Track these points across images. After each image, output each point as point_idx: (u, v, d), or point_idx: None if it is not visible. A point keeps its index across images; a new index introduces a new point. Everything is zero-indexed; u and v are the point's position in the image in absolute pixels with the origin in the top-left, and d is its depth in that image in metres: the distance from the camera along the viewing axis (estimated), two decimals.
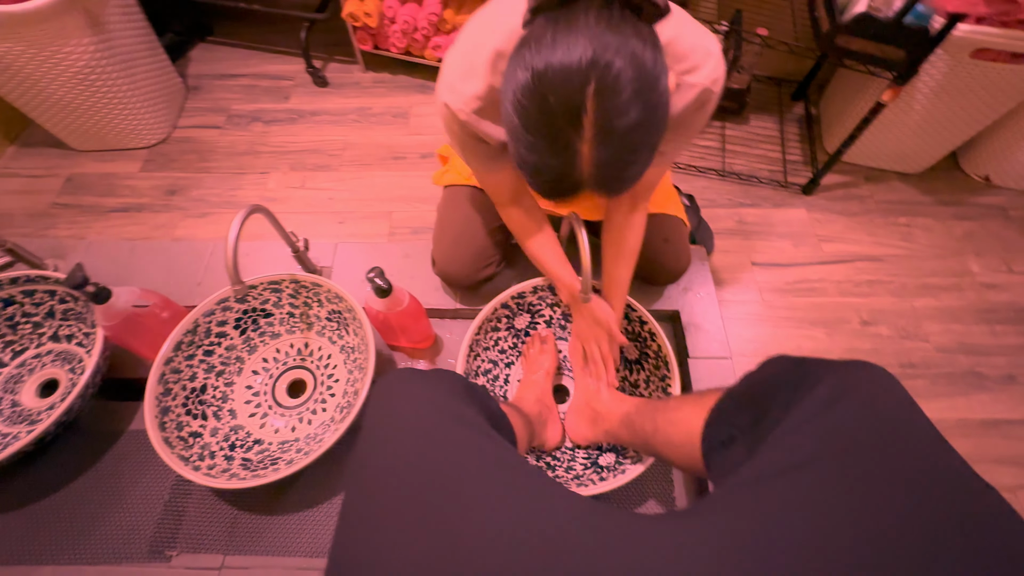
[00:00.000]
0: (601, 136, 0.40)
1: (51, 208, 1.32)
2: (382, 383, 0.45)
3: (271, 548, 0.77)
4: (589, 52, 0.37)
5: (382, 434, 0.39)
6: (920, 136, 1.30)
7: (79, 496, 0.80)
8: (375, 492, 0.35)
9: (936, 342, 1.14)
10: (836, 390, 0.36)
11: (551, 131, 0.41)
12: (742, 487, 0.34)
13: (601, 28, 0.38)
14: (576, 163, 0.42)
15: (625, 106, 0.39)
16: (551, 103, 0.39)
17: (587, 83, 0.38)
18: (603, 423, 0.74)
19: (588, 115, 0.39)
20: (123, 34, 1.26)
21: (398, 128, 1.50)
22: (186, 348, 0.82)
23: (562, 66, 0.38)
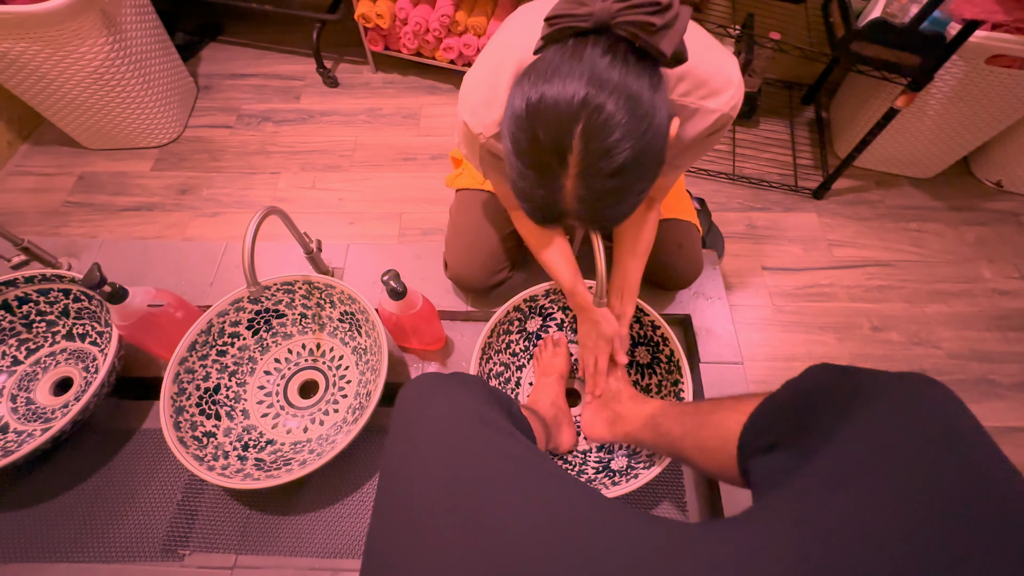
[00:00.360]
0: (585, 175, 0.41)
1: (63, 206, 1.33)
2: (411, 388, 0.45)
3: (283, 548, 0.77)
4: (583, 91, 0.38)
5: (417, 437, 0.39)
6: (932, 141, 1.29)
7: (93, 494, 0.81)
8: (415, 493, 0.35)
9: (948, 348, 1.13)
10: (893, 407, 0.35)
11: (538, 163, 0.42)
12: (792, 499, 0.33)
13: (602, 67, 0.39)
14: (561, 197, 0.43)
15: (612, 149, 0.39)
16: (540, 136, 0.40)
17: (575, 122, 0.39)
18: (623, 424, 0.72)
19: (574, 154, 0.40)
20: (137, 34, 1.27)
21: (408, 129, 1.50)
22: (200, 348, 0.82)
23: (554, 101, 0.39)
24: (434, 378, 0.46)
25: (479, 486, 0.34)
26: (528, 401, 0.81)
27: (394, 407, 0.45)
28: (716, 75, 0.55)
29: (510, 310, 0.85)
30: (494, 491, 0.33)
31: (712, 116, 0.57)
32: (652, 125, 0.40)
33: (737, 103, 0.57)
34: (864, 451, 0.33)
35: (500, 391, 0.54)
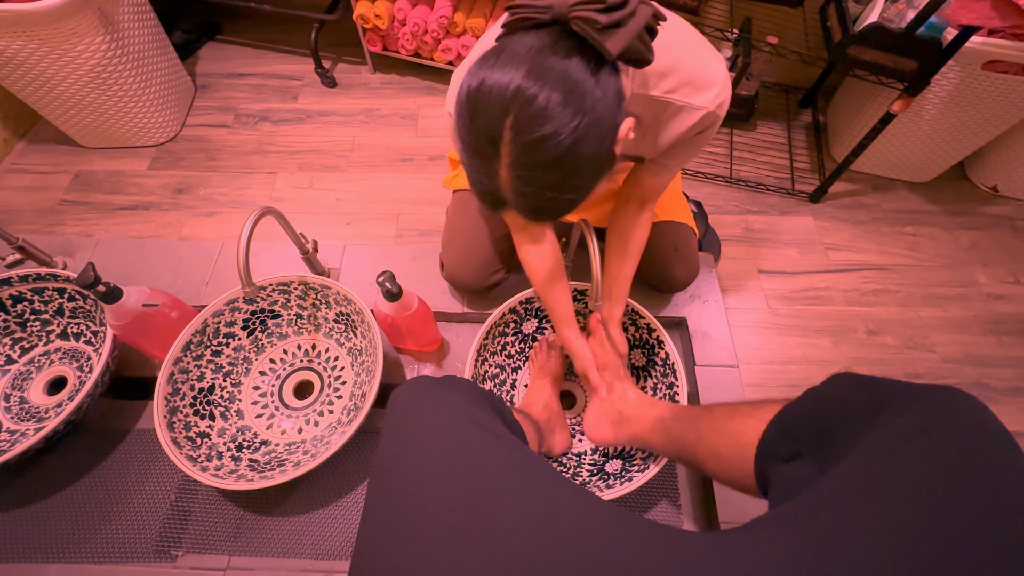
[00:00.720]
0: (517, 166, 0.41)
1: (59, 205, 1.32)
2: (403, 391, 0.45)
3: (276, 549, 0.77)
4: (518, 81, 0.38)
5: (410, 441, 0.39)
6: (929, 146, 1.30)
7: (86, 494, 0.81)
8: (408, 500, 0.34)
9: (942, 353, 1.13)
10: (926, 419, 0.34)
11: (475, 149, 0.42)
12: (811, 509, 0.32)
13: (544, 59, 0.38)
14: (497, 183, 0.43)
15: (542, 141, 0.39)
16: (477, 123, 0.41)
17: (507, 113, 0.39)
18: (630, 426, 0.70)
19: (504, 144, 0.40)
20: (134, 33, 1.26)
21: (406, 130, 1.50)
22: (195, 348, 0.82)
23: (490, 89, 0.39)
24: (427, 381, 0.46)
25: (475, 491, 0.33)
26: (521, 404, 0.81)
27: (386, 410, 0.44)
28: (702, 73, 0.55)
29: (506, 312, 0.85)
30: (491, 496, 0.33)
31: (697, 114, 0.56)
32: (592, 121, 0.39)
33: (723, 102, 0.57)
34: (888, 466, 0.32)
35: (492, 394, 0.54)
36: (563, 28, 0.40)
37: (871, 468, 0.33)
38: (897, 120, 1.17)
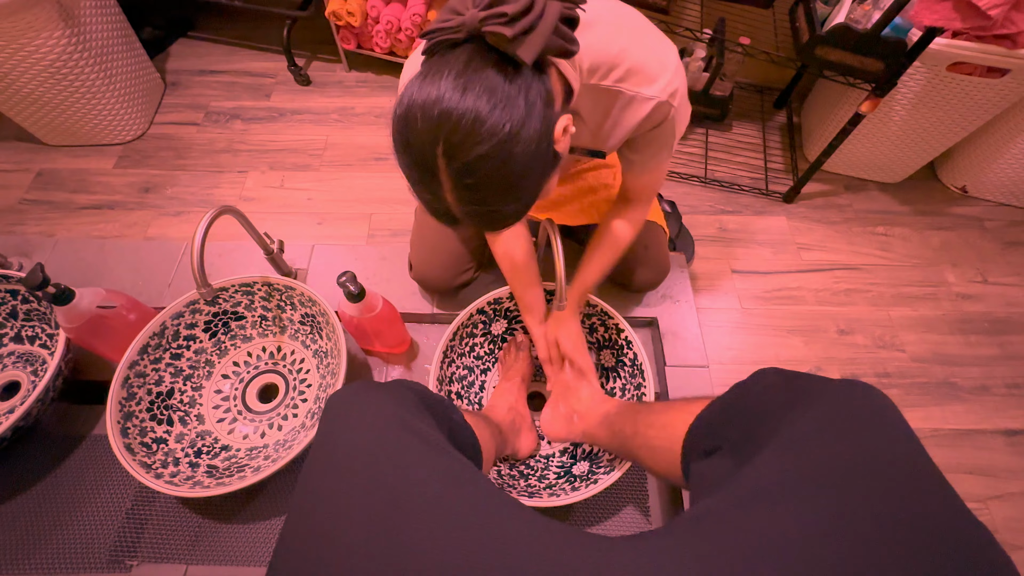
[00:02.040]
0: (458, 189, 0.41)
1: (19, 204, 1.28)
2: (335, 396, 0.44)
3: (236, 558, 0.75)
4: (441, 105, 0.37)
5: (330, 451, 0.37)
6: (898, 147, 1.31)
7: (37, 503, 0.78)
8: (322, 512, 0.33)
9: (912, 352, 1.15)
10: (828, 415, 0.35)
11: (416, 176, 0.42)
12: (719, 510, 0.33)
13: (463, 77, 0.38)
14: (445, 207, 0.43)
15: (476, 163, 0.39)
16: (412, 153, 0.40)
17: (436, 142, 0.38)
18: (581, 422, 0.72)
19: (442, 171, 0.40)
20: (97, 28, 1.23)
21: (380, 129, 1.48)
22: (152, 351, 0.80)
23: (417, 116, 0.39)
24: (361, 386, 0.45)
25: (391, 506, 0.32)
26: (485, 407, 0.80)
27: (320, 416, 0.43)
28: (650, 61, 0.54)
29: (474, 312, 0.84)
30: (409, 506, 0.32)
31: (648, 104, 0.55)
32: (520, 130, 0.39)
33: (676, 91, 0.55)
34: (792, 462, 0.33)
35: (440, 398, 0.53)
36: (479, 42, 0.40)
37: (780, 466, 0.33)
38: (867, 121, 1.19)
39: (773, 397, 0.41)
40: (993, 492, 0.98)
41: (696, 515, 0.34)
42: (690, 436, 0.48)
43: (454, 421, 0.51)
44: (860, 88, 1.10)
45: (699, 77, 1.37)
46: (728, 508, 0.33)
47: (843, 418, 0.34)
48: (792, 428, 0.36)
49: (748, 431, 0.41)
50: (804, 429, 0.35)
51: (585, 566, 0.29)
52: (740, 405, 0.45)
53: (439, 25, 0.40)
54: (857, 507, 0.29)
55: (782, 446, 0.35)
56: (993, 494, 0.98)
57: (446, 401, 0.54)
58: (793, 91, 1.54)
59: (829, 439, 0.33)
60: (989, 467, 1.01)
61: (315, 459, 0.38)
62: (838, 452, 0.32)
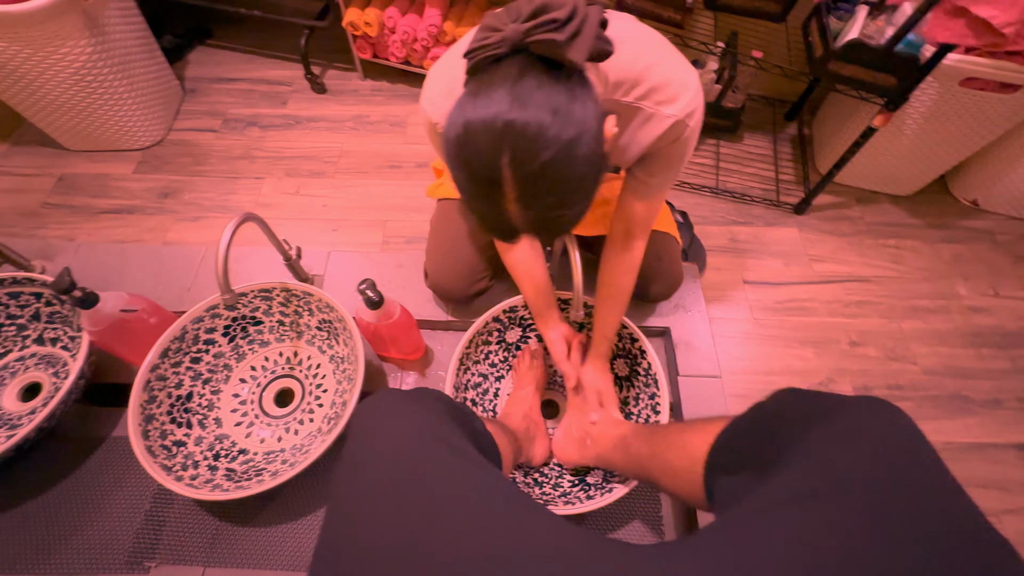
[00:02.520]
0: (524, 199, 0.41)
1: (41, 208, 1.30)
2: (365, 406, 0.45)
3: (252, 561, 0.76)
4: (504, 116, 0.38)
5: (366, 460, 0.38)
6: (910, 160, 1.32)
7: (57, 504, 0.79)
8: (358, 521, 0.34)
9: (923, 364, 1.15)
10: (846, 428, 0.36)
11: (477, 191, 0.43)
12: (744, 520, 0.33)
13: (520, 89, 0.39)
14: (508, 218, 0.44)
15: (543, 169, 0.39)
16: (474, 167, 0.41)
17: (501, 152, 0.39)
18: (595, 446, 0.72)
19: (507, 182, 0.40)
20: (121, 36, 1.26)
21: (395, 137, 1.50)
22: (173, 355, 0.81)
23: (479, 130, 0.39)
24: (390, 395, 0.45)
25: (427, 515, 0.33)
26: (500, 414, 0.81)
27: (349, 425, 0.44)
28: (672, 81, 0.55)
29: (489, 320, 0.85)
30: (441, 516, 0.33)
31: (667, 122, 0.57)
32: (580, 134, 0.40)
33: (694, 111, 0.57)
34: (814, 474, 0.34)
35: (463, 407, 0.54)
36: (524, 54, 0.41)
37: (799, 478, 0.34)
38: (879, 134, 1.19)
39: (793, 416, 0.42)
40: (1006, 506, 0.98)
41: (720, 525, 0.34)
42: (712, 456, 0.49)
43: (476, 430, 0.52)
44: (873, 102, 1.11)
45: (711, 89, 1.38)
46: (751, 518, 0.33)
47: (862, 432, 0.35)
48: (812, 444, 0.37)
49: (770, 449, 0.42)
50: (824, 444, 0.36)
51: (616, 572, 0.30)
52: (761, 424, 0.46)
53: (480, 43, 0.41)
54: (880, 517, 0.29)
55: (803, 460, 0.36)
56: (1006, 508, 0.97)
57: (468, 410, 0.55)
58: (805, 103, 1.55)
59: (849, 452, 0.34)
60: (1002, 481, 1.00)
61: (349, 467, 0.38)
62: (858, 464, 0.33)
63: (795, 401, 0.44)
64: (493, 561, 0.31)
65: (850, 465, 0.33)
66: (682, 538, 0.36)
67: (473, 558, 0.31)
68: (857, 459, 0.33)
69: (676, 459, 0.53)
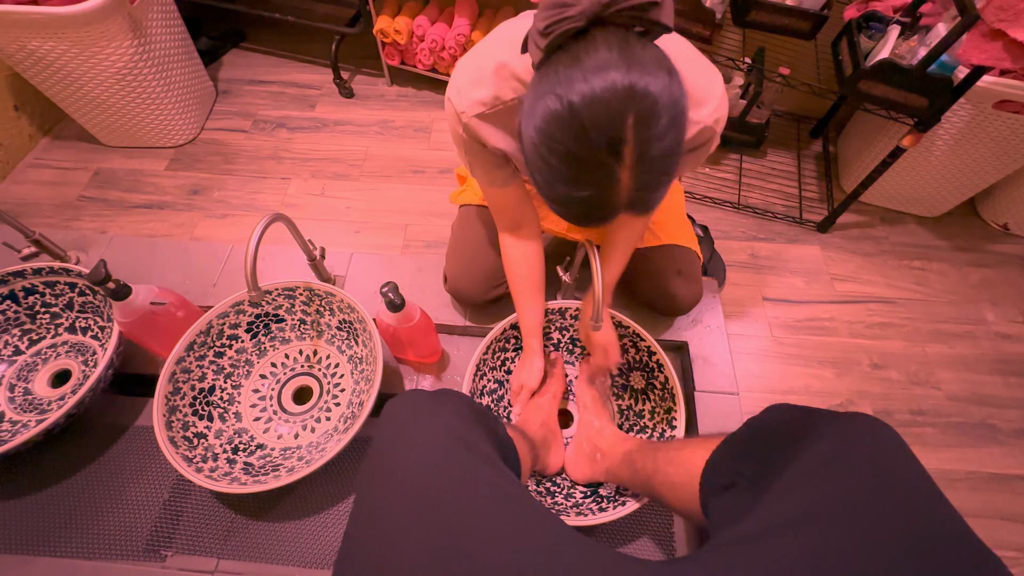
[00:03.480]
0: (640, 163, 0.40)
1: (77, 200, 1.35)
2: (393, 407, 0.45)
3: (265, 555, 0.77)
4: (626, 81, 0.37)
5: (391, 463, 0.39)
6: (939, 181, 1.30)
7: (81, 489, 0.81)
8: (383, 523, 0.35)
9: (948, 390, 1.12)
10: (837, 447, 0.37)
11: (591, 161, 0.40)
12: (741, 543, 0.34)
13: (627, 56, 0.38)
14: (615, 190, 0.42)
15: (662, 133, 0.39)
16: (591, 135, 0.39)
17: (626, 113, 0.38)
18: (604, 461, 0.73)
19: (628, 144, 0.39)
20: (161, 38, 1.30)
21: (419, 142, 1.53)
22: (198, 348, 0.83)
23: (599, 97, 0.37)
24: (419, 397, 0.46)
25: (453, 517, 0.34)
26: (518, 421, 0.81)
27: (377, 424, 0.45)
28: (698, 87, 0.55)
29: (507, 327, 0.86)
30: (468, 523, 0.33)
31: (694, 128, 0.57)
32: (684, 103, 0.40)
33: (720, 118, 0.57)
34: (805, 495, 0.35)
35: (487, 411, 0.54)
36: (606, 26, 0.40)
37: (791, 498, 0.35)
38: (907, 155, 1.18)
39: (785, 432, 0.43)
40: None
41: (717, 544, 0.35)
42: (707, 471, 0.50)
43: (499, 435, 0.53)
44: (902, 123, 1.09)
45: (736, 104, 1.38)
46: (748, 537, 0.34)
47: (850, 449, 0.36)
48: (803, 461, 0.38)
49: (762, 466, 0.43)
50: (815, 461, 0.37)
51: None
52: (754, 440, 0.47)
53: (559, 17, 0.39)
54: (869, 531, 0.30)
55: (795, 478, 0.37)
56: None
57: (492, 415, 0.55)
58: (830, 121, 1.54)
59: (838, 469, 0.35)
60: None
61: (376, 469, 0.39)
62: (847, 481, 0.34)
63: (787, 418, 0.45)
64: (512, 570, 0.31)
65: (838, 483, 0.34)
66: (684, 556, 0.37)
67: (494, 567, 0.31)
68: (845, 476, 0.34)
69: (676, 474, 0.54)
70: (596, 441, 0.76)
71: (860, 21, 1.12)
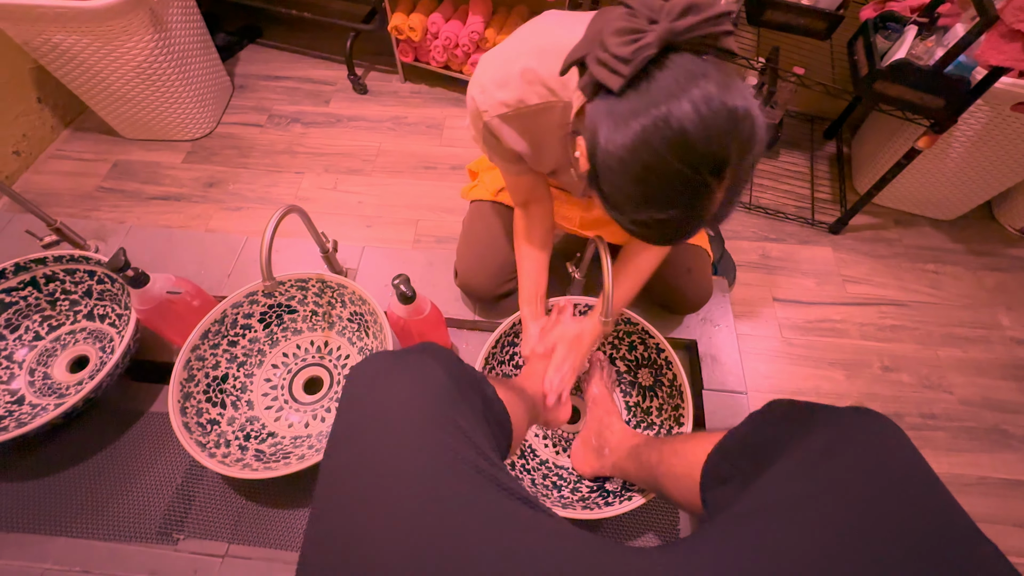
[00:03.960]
0: (735, 184, 0.41)
1: (96, 191, 1.38)
2: (360, 372, 0.42)
3: (274, 541, 0.78)
4: (729, 104, 0.37)
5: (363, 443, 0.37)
6: (954, 184, 1.28)
7: (97, 472, 0.83)
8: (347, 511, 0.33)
9: (960, 395, 1.11)
10: (835, 437, 0.37)
11: (693, 181, 0.40)
12: (729, 522, 0.35)
13: (720, 80, 0.38)
14: (708, 209, 0.42)
15: (758, 151, 0.40)
16: (698, 156, 0.38)
17: (731, 139, 0.38)
18: (611, 455, 0.73)
19: (731, 166, 0.39)
20: (181, 33, 1.32)
21: (431, 139, 1.54)
22: (212, 337, 0.84)
23: (706, 119, 0.37)
24: (387, 360, 0.42)
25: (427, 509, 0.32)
26: (518, 377, 0.79)
27: (343, 388, 0.42)
28: None
29: (516, 322, 0.86)
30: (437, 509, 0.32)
31: None
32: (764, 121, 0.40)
33: None
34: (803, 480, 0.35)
35: (471, 370, 0.52)
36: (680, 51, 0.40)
37: (786, 484, 0.35)
38: (922, 156, 1.17)
39: (784, 426, 0.43)
40: None
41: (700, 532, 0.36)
42: (708, 464, 0.50)
43: (486, 395, 0.51)
44: (918, 124, 1.08)
45: None
46: (728, 526, 0.35)
47: (850, 439, 0.36)
48: (797, 452, 0.38)
49: (759, 459, 0.43)
50: (809, 452, 0.37)
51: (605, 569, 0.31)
52: (754, 434, 0.47)
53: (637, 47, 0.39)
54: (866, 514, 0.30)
55: (793, 466, 0.37)
56: None
57: (478, 374, 0.53)
58: (844, 122, 1.53)
59: (838, 457, 0.35)
60: None
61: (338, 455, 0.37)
62: (846, 468, 0.34)
63: (787, 413, 0.45)
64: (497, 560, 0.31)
65: (832, 472, 0.34)
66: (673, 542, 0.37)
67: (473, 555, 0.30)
68: (841, 466, 0.34)
69: (678, 465, 0.55)
70: (604, 436, 0.77)
71: (877, 21, 1.11)
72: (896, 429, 0.37)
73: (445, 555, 0.30)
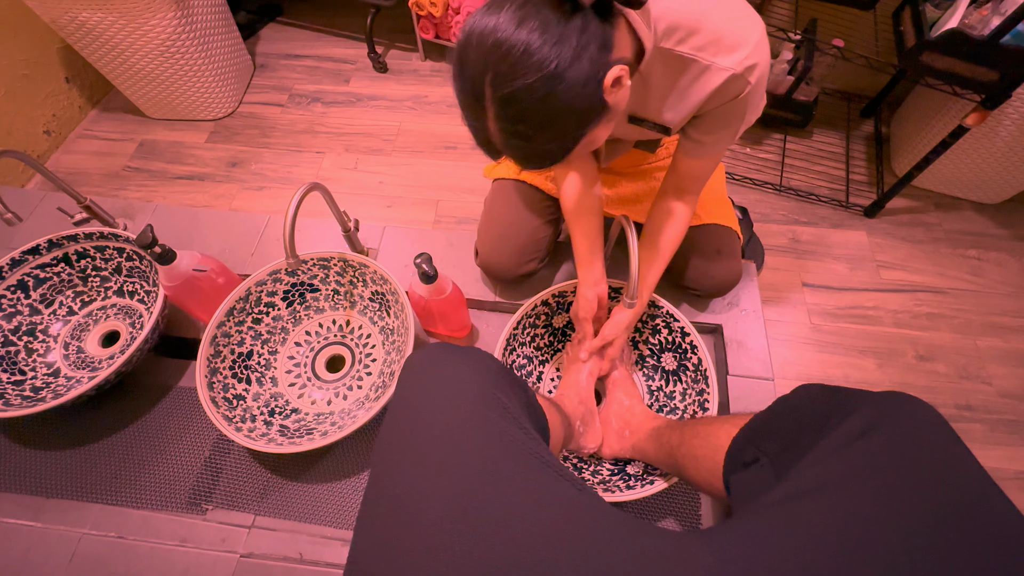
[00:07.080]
0: (501, 121, 0.43)
1: (123, 171, 1.40)
2: (418, 357, 0.44)
3: (299, 514, 0.80)
4: (496, 34, 0.39)
5: (411, 420, 0.38)
6: (1003, 165, 1.21)
7: (129, 443, 0.86)
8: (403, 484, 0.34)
9: (999, 386, 1.06)
10: (871, 420, 0.35)
11: (465, 102, 0.44)
12: (769, 510, 0.34)
13: (524, 10, 0.39)
14: (490, 135, 0.45)
15: (517, 95, 0.40)
16: (464, 79, 0.42)
17: (486, 71, 0.40)
18: (632, 436, 0.73)
19: (488, 99, 0.42)
20: (203, 10, 1.32)
21: (452, 118, 1.52)
22: (237, 314, 0.85)
23: (474, 43, 0.40)
24: (445, 351, 0.45)
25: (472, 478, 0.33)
26: (556, 394, 0.80)
27: (399, 375, 0.44)
28: (731, 32, 0.51)
29: (538, 304, 0.85)
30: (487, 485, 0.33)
31: (721, 75, 0.52)
32: (565, 70, 0.40)
33: (753, 66, 0.51)
34: (837, 464, 0.34)
35: (516, 376, 0.53)
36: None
37: (822, 469, 0.34)
38: (969, 135, 1.10)
39: (815, 410, 0.42)
40: None
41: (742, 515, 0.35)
42: (733, 447, 0.49)
43: (530, 401, 0.52)
44: (967, 99, 1.02)
45: (783, 80, 1.31)
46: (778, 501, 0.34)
47: (885, 423, 0.35)
48: (835, 435, 0.36)
49: (788, 443, 0.42)
50: (848, 435, 0.36)
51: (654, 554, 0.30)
52: (782, 418, 0.46)
53: None
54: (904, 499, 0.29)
55: (826, 451, 0.36)
56: None
57: (522, 380, 0.54)
58: (884, 100, 1.45)
59: (873, 441, 0.34)
60: None
61: (395, 427, 0.38)
62: (883, 452, 0.33)
63: (816, 397, 0.44)
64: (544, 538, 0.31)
65: (877, 457, 0.33)
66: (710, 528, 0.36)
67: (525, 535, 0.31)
68: (884, 451, 0.33)
69: (700, 447, 0.54)
70: (626, 418, 0.76)
71: None
72: (937, 414, 0.36)
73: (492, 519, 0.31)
